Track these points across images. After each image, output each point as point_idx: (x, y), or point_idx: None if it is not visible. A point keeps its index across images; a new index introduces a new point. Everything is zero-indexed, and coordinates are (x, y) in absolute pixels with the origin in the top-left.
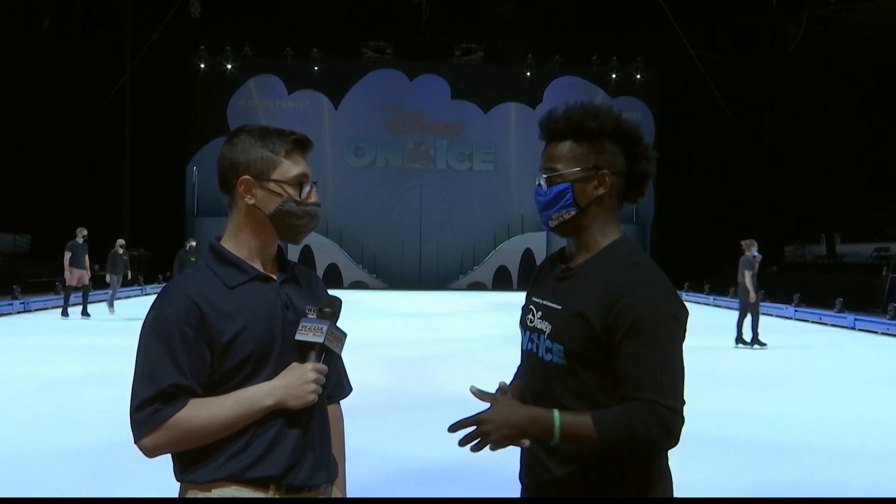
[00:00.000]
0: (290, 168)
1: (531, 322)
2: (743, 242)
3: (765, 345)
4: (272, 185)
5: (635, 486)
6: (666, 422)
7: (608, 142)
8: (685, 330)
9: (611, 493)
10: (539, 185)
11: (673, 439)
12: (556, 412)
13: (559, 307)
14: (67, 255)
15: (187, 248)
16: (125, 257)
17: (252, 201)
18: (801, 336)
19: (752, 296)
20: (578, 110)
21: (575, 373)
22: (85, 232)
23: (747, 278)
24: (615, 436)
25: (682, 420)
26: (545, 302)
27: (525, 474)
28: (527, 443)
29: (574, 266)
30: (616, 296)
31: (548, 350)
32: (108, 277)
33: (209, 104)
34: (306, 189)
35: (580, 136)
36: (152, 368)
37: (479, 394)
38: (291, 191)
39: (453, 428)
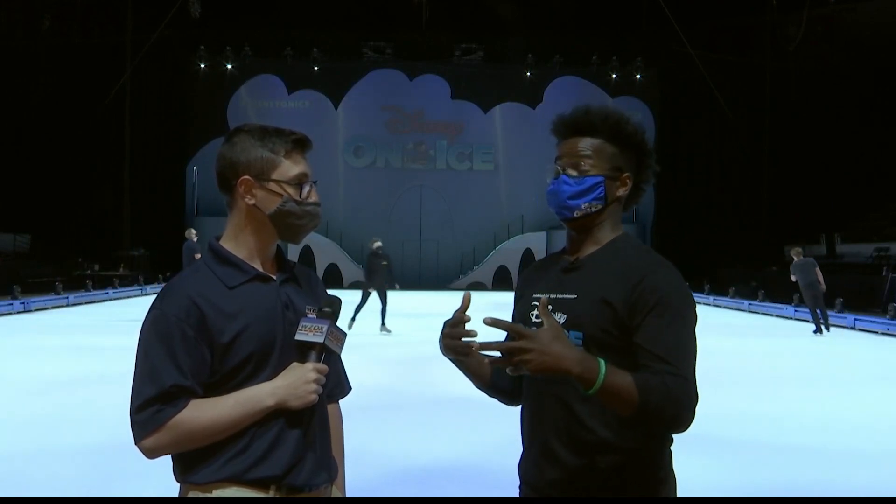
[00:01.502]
0: (291, 168)
1: (538, 317)
2: (793, 250)
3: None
4: (272, 185)
5: (641, 490)
6: (690, 396)
7: (633, 149)
8: (696, 316)
9: (617, 494)
10: (565, 173)
11: (692, 416)
12: (601, 360)
13: (574, 296)
14: (197, 256)
15: (194, 238)
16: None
17: (252, 201)
18: (801, 336)
19: (823, 287)
20: (615, 112)
21: None
22: (194, 231)
23: (819, 275)
24: (651, 399)
25: (698, 397)
26: (553, 295)
27: (530, 473)
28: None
29: (582, 258)
30: (638, 275)
31: None
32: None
33: (209, 104)
34: (306, 189)
35: (614, 136)
36: (153, 369)
37: (499, 324)
38: (291, 190)
39: (485, 346)
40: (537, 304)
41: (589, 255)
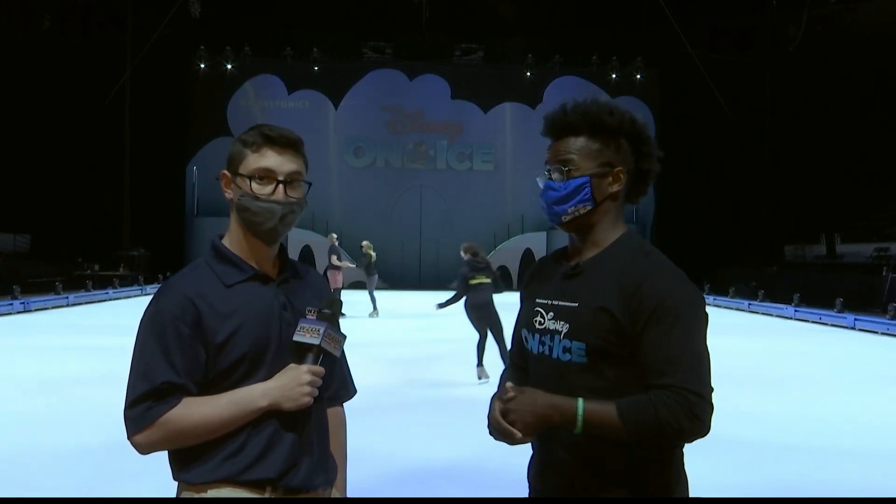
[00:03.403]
0: (254, 161)
1: (541, 324)
2: None
3: None
4: (238, 180)
5: (654, 491)
6: (693, 408)
7: (622, 139)
8: (707, 316)
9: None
10: (551, 178)
11: (702, 426)
12: (579, 400)
13: (575, 304)
14: (344, 262)
15: (335, 242)
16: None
17: (230, 196)
18: (801, 336)
19: None
20: (594, 106)
21: (596, 370)
22: (335, 235)
23: None
24: (640, 423)
25: (711, 407)
26: (555, 302)
27: (537, 478)
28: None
29: (583, 262)
30: (636, 283)
31: (565, 350)
32: None
33: (209, 104)
34: (270, 186)
35: (596, 131)
36: (146, 366)
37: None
38: (252, 185)
39: (491, 432)
40: (541, 310)
41: (589, 259)
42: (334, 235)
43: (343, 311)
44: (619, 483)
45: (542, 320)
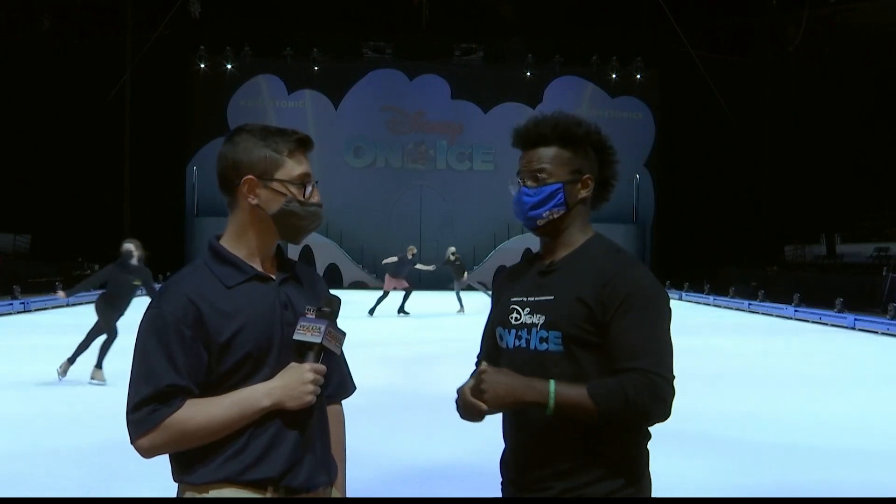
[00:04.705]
0: (294, 167)
1: (517, 320)
2: None
3: None
4: (276, 185)
5: (617, 483)
6: (658, 391)
7: (589, 148)
8: (671, 310)
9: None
10: (524, 185)
11: (665, 408)
12: (551, 381)
13: (551, 297)
14: (428, 267)
15: (409, 255)
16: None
17: (255, 201)
18: (801, 336)
19: None
20: (563, 118)
21: (572, 357)
22: (415, 250)
23: None
24: (609, 404)
25: (674, 391)
26: (530, 298)
27: (511, 472)
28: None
29: (556, 261)
30: (607, 275)
31: (542, 340)
32: None
33: (209, 104)
34: (309, 189)
35: (566, 141)
36: (149, 368)
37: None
38: (295, 190)
39: (459, 409)
40: (516, 308)
41: (563, 258)
42: (413, 248)
43: (374, 311)
44: (585, 472)
45: (519, 316)
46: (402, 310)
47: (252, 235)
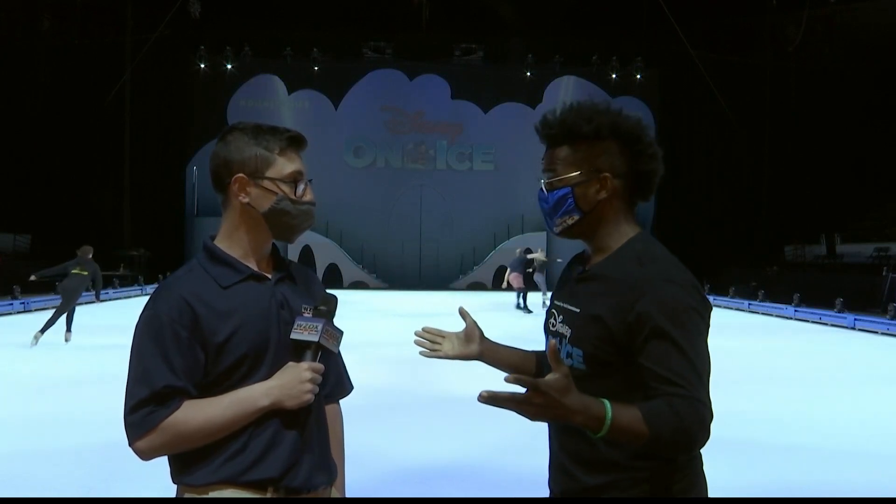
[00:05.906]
0: (285, 165)
1: (553, 326)
2: None
3: None
4: (267, 183)
5: (676, 491)
6: (703, 418)
7: (607, 143)
8: (708, 323)
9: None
10: (541, 190)
11: (707, 435)
12: (607, 402)
13: (577, 310)
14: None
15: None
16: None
17: (246, 199)
18: (801, 336)
19: None
20: (573, 113)
21: (595, 378)
22: (522, 249)
23: None
24: (662, 430)
25: (712, 415)
26: (565, 305)
27: (553, 482)
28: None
29: (591, 268)
30: (633, 297)
31: (569, 355)
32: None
33: (209, 104)
34: (301, 187)
35: (575, 140)
36: (146, 370)
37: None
38: (286, 189)
39: (494, 397)
40: (554, 313)
41: (596, 264)
42: (522, 248)
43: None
44: (633, 484)
45: (555, 322)
46: (524, 307)
47: (244, 234)
